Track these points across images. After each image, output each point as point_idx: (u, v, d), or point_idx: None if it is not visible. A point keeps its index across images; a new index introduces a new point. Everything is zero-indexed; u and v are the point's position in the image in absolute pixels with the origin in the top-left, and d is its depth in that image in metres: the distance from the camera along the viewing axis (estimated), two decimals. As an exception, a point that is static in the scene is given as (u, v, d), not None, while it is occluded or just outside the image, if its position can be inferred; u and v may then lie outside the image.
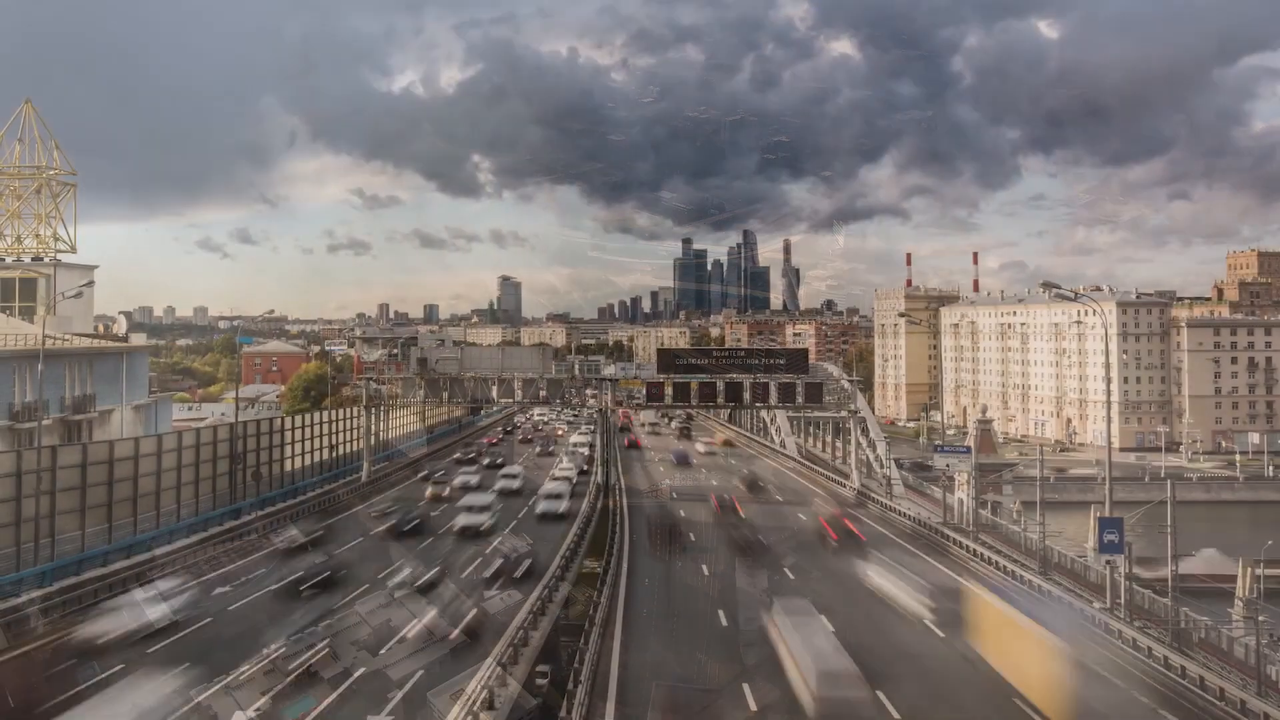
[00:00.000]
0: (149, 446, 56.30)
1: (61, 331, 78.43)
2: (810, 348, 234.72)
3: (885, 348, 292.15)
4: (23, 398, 66.29)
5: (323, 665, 32.72)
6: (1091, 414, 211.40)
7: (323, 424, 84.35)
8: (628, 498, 78.66)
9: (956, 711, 32.91)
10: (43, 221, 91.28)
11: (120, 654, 35.64)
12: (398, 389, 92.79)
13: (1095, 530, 47.38)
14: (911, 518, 71.07)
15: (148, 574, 48.50)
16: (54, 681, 31.99)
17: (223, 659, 34.48)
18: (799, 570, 53.68)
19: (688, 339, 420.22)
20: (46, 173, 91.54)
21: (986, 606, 37.28)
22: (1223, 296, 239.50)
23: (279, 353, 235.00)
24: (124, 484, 52.54)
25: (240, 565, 54.07)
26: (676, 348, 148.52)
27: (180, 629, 39.77)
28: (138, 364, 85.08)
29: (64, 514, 47.32)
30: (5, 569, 42.73)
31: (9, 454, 46.49)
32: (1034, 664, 31.23)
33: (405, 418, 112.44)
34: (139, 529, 53.44)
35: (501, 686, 30.67)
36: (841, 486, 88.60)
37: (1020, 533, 67.63)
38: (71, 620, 39.98)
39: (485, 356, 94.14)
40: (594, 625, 37.65)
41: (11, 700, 31.12)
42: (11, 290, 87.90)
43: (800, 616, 36.83)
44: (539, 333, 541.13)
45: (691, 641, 39.73)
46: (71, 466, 48.41)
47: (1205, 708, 32.04)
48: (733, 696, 33.01)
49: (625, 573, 51.82)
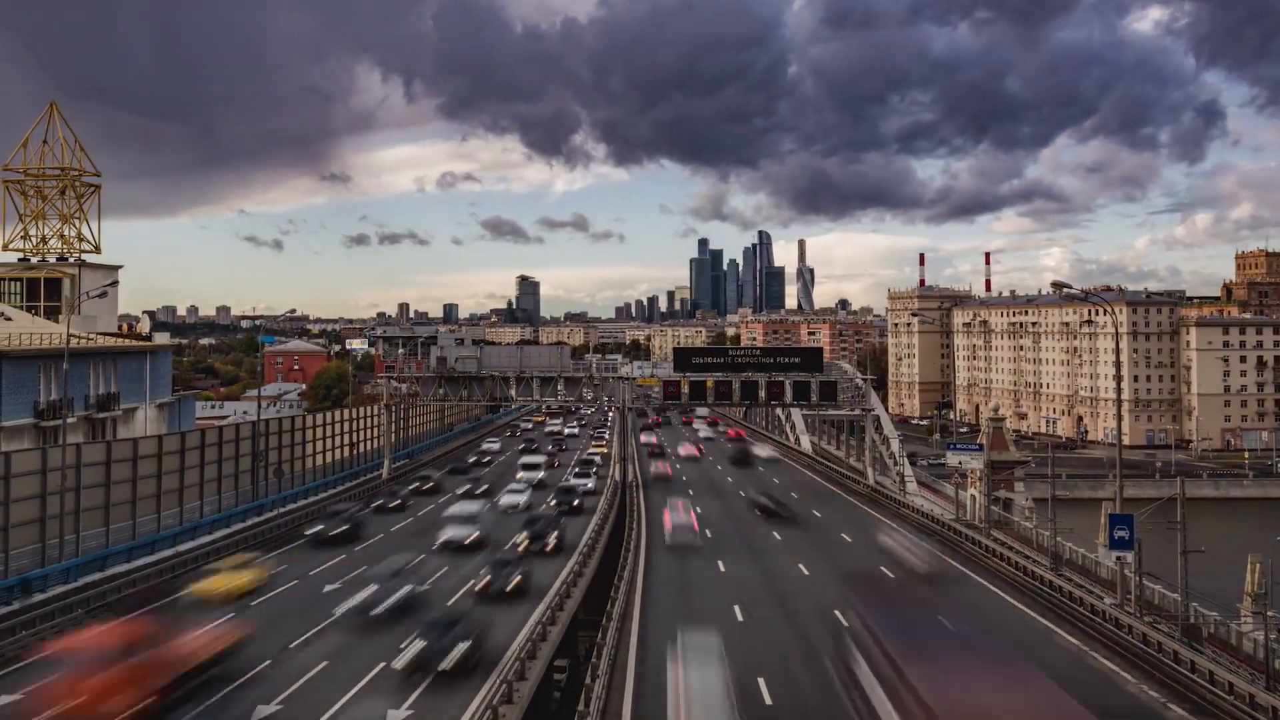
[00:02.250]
0: (172, 444, 57.05)
1: (86, 331, 79.44)
2: (825, 347, 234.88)
3: (899, 346, 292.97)
4: (48, 396, 67.06)
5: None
6: (1102, 412, 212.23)
7: (343, 422, 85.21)
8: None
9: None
10: (67, 222, 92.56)
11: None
12: (417, 387, 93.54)
13: (1105, 526, 47.70)
14: (924, 514, 71.59)
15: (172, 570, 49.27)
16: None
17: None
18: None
19: (704, 338, 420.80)
20: (71, 174, 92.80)
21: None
22: (1232, 296, 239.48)
23: (300, 351, 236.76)
24: (147, 481, 53.24)
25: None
26: (693, 346, 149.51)
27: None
28: (161, 363, 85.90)
29: (88, 511, 48.00)
30: (31, 565, 43.43)
31: (35, 452, 47.04)
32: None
33: (425, 416, 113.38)
34: (162, 526, 54.18)
35: (520, 680, 31.41)
36: (856, 483, 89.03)
37: (1032, 529, 68.08)
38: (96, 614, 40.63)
39: (504, 355, 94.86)
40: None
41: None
42: (37, 290, 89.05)
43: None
44: (557, 332, 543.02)
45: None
46: (96, 464, 49.08)
47: (1214, 701, 32.35)
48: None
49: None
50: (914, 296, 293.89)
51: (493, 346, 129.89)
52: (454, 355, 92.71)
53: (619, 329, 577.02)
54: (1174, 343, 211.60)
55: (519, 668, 31.94)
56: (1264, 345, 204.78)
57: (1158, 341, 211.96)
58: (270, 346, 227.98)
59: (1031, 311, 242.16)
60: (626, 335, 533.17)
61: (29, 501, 43.95)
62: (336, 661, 34.84)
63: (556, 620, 39.16)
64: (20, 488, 43.25)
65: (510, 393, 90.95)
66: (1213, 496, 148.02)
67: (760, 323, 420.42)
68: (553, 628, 38.18)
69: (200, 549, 53.84)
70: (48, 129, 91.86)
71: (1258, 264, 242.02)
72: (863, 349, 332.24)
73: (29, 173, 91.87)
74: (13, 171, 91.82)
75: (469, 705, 30.05)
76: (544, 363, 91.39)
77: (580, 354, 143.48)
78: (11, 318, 77.55)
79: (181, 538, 55.03)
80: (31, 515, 44.11)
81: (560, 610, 40.69)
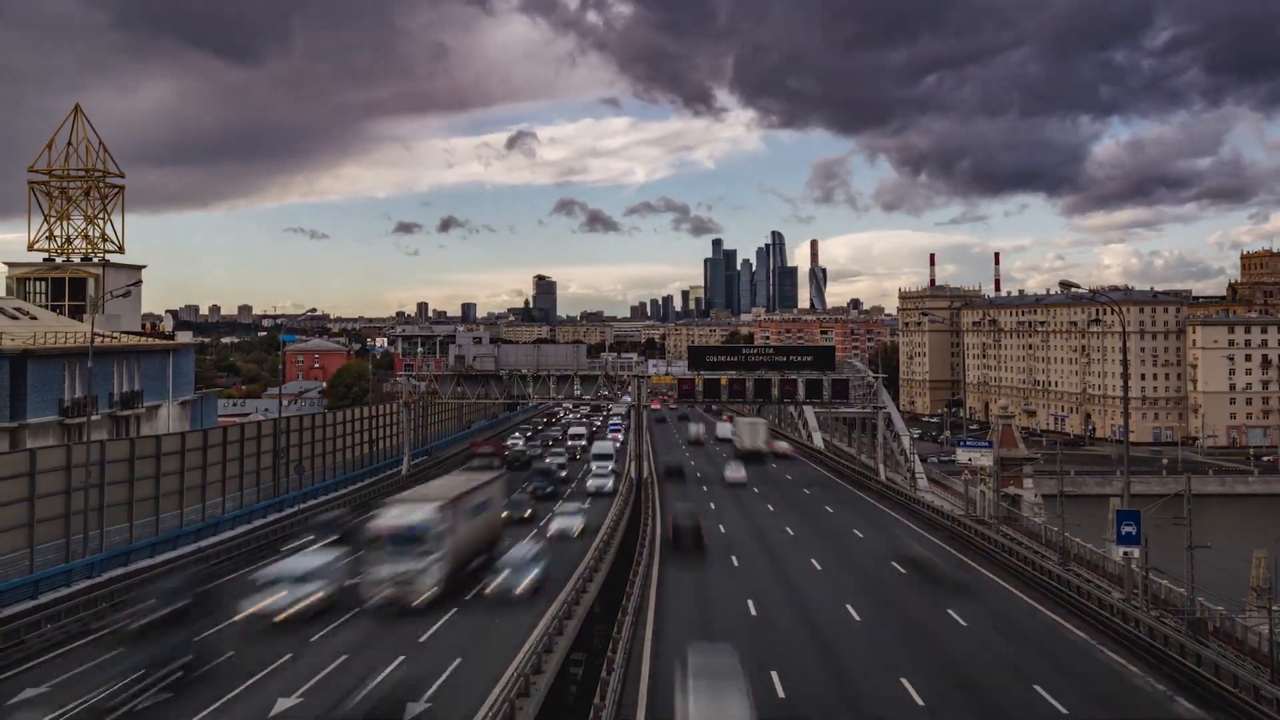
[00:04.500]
0: (195, 441, 57.99)
1: (110, 330, 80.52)
2: (837, 345, 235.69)
3: (910, 345, 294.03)
4: (72, 394, 68.15)
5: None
6: (1110, 409, 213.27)
7: (363, 419, 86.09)
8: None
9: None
10: (91, 222, 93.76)
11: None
12: (436, 385, 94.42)
13: (1113, 522, 48.20)
14: (935, 509, 72.18)
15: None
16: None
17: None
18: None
19: (718, 337, 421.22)
20: (95, 175, 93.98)
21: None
22: (1237, 296, 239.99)
23: (321, 350, 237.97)
24: (170, 478, 54.20)
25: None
26: (707, 345, 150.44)
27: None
28: (184, 361, 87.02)
29: (112, 507, 48.89)
30: (55, 560, 44.30)
31: (60, 448, 47.81)
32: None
33: (443, 414, 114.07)
34: (185, 521, 55.08)
35: (537, 674, 32.04)
36: (868, 480, 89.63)
37: (1041, 525, 68.60)
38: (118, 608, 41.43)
39: (521, 354, 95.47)
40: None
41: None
42: (62, 290, 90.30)
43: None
44: (573, 331, 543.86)
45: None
46: (119, 461, 50.02)
47: (1220, 694, 32.79)
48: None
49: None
50: (924, 296, 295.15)
51: (510, 345, 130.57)
52: (472, 354, 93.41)
53: (635, 328, 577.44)
54: (1180, 341, 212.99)
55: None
56: (1269, 344, 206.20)
57: (1164, 340, 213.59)
58: (291, 345, 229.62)
59: (1040, 311, 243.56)
60: (642, 334, 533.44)
61: (54, 498, 44.75)
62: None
63: (573, 614, 39.83)
64: (45, 484, 44.12)
65: (528, 390, 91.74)
66: (1218, 493, 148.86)
67: (774, 322, 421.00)
68: (569, 621, 38.86)
69: (222, 544, 54.54)
70: (72, 131, 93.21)
71: (1264, 264, 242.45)
72: (874, 348, 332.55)
73: (54, 174, 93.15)
74: (39, 173, 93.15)
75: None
76: (560, 361, 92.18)
77: (596, 352, 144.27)
78: (37, 317, 78.72)
79: (204, 533, 55.95)
80: (56, 511, 44.96)
81: (577, 605, 41.36)
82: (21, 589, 40.92)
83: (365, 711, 26.55)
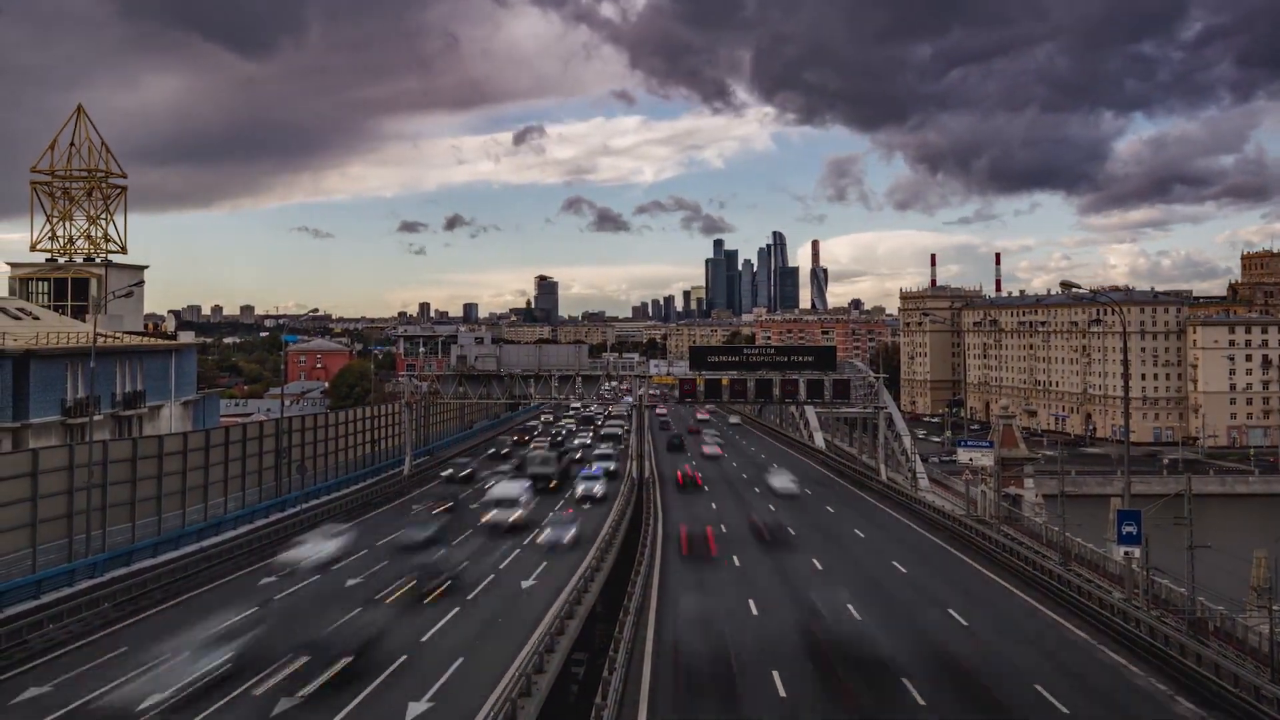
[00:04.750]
0: (197, 441, 58.07)
1: (112, 330, 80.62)
2: (838, 345, 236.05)
3: (911, 345, 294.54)
4: (75, 394, 68.27)
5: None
6: (1110, 409, 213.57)
7: (365, 420, 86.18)
8: None
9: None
10: (94, 223, 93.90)
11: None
12: (438, 385, 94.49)
13: (1114, 522, 48.28)
14: (936, 509, 72.26)
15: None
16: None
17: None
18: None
19: (719, 337, 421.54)
20: (98, 175, 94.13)
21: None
22: (1238, 296, 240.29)
23: (323, 350, 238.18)
24: (173, 478, 54.22)
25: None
26: (708, 345, 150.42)
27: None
28: (186, 361, 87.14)
29: (114, 507, 48.93)
30: (58, 560, 44.34)
31: (62, 448, 47.82)
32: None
33: (445, 414, 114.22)
34: (187, 521, 55.18)
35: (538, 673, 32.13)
36: (869, 480, 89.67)
37: (1042, 524, 68.65)
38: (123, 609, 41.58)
39: (522, 354, 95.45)
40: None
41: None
42: (64, 290, 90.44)
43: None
44: (575, 331, 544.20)
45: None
46: (122, 461, 50.04)
47: (1220, 693, 32.85)
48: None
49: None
50: (925, 296, 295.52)
51: (512, 345, 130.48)
52: (474, 354, 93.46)
53: (636, 328, 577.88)
54: (1181, 342, 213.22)
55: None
56: (1269, 344, 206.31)
57: (1165, 340, 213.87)
58: (293, 345, 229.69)
59: (1041, 311, 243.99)
60: (644, 334, 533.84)
61: (56, 498, 44.82)
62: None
63: (574, 614, 39.92)
64: (48, 484, 44.18)
65: (529, 390, 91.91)
66: (1219, 493, 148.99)
67: (775, 322, 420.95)
68: (570, 621, 38.96)
69: (225, 544, 54.50)
70: (75, 131, 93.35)
71: (1264, 265, 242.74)
72: (876, 348, 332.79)
73: (57, 175, 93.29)
74: (41, 173, 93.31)
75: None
76: (562, 361, 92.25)
77: (598, 353, 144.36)
78: (40, 317, 78.86)
79: (206, 533, 56.02)
80: (59, 511, 45.02)
81: (578, 604, 41.45)
82: (24, 588, 40.95)
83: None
